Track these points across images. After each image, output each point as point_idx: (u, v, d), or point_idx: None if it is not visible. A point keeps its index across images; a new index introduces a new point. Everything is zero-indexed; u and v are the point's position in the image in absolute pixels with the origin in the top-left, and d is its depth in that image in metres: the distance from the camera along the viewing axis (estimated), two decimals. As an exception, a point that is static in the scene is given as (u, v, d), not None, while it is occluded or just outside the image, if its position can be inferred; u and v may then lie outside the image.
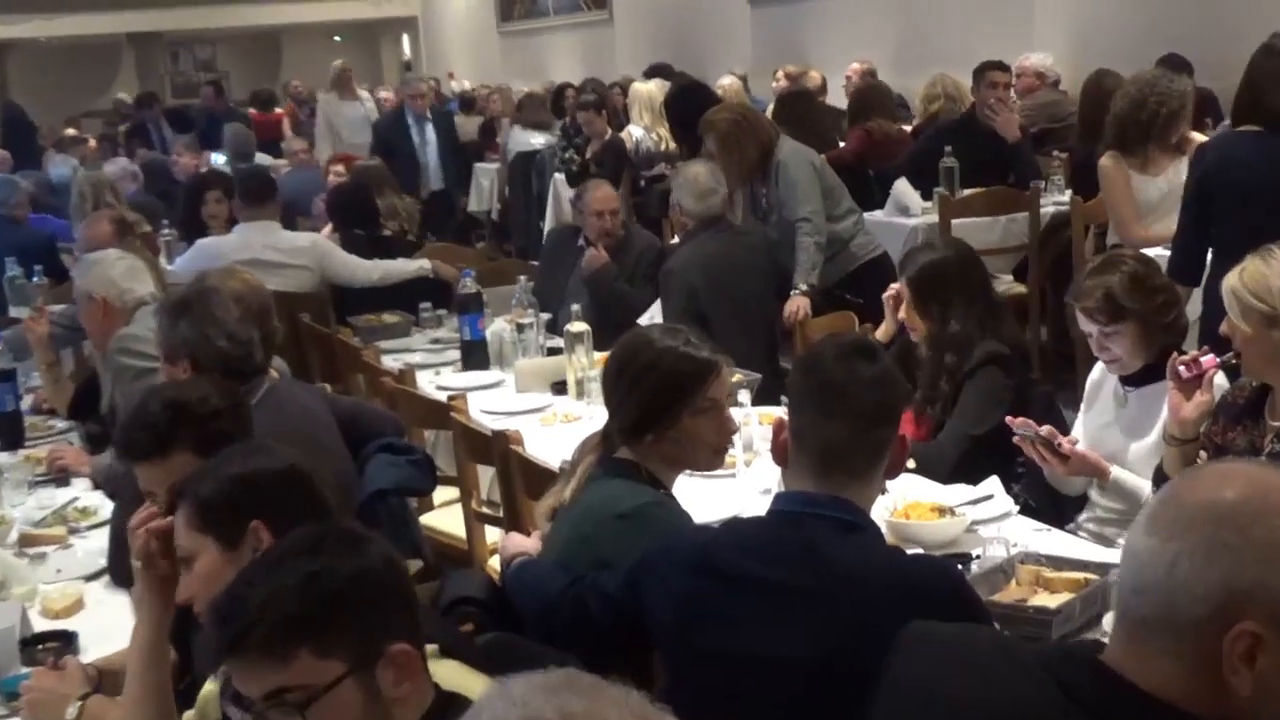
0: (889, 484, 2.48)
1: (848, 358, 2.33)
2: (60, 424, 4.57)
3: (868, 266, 5.67)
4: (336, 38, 25.24)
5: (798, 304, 5.31)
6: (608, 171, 8.37)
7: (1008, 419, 3.27)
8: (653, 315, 5.22)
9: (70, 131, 13.88)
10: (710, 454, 2.78)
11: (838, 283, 5.65)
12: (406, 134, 10.18)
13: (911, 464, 3.18)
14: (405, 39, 24.17)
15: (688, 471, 2.88)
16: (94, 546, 3.30)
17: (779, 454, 2.40)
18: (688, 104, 7.70)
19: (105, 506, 3.54)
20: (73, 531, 3.47)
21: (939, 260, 3.85)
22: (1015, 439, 3.23)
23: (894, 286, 4.00)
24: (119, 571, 3.09)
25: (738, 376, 4.05)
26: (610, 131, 9.18)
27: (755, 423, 3.69)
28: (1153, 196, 5.34)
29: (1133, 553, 1.47)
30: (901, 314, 3.91)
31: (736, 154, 5.69)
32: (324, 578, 1.74)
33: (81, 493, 3.79)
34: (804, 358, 2.64)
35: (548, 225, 9.34)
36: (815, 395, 2.31)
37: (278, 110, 14.92)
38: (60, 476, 3.94)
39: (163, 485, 2.56)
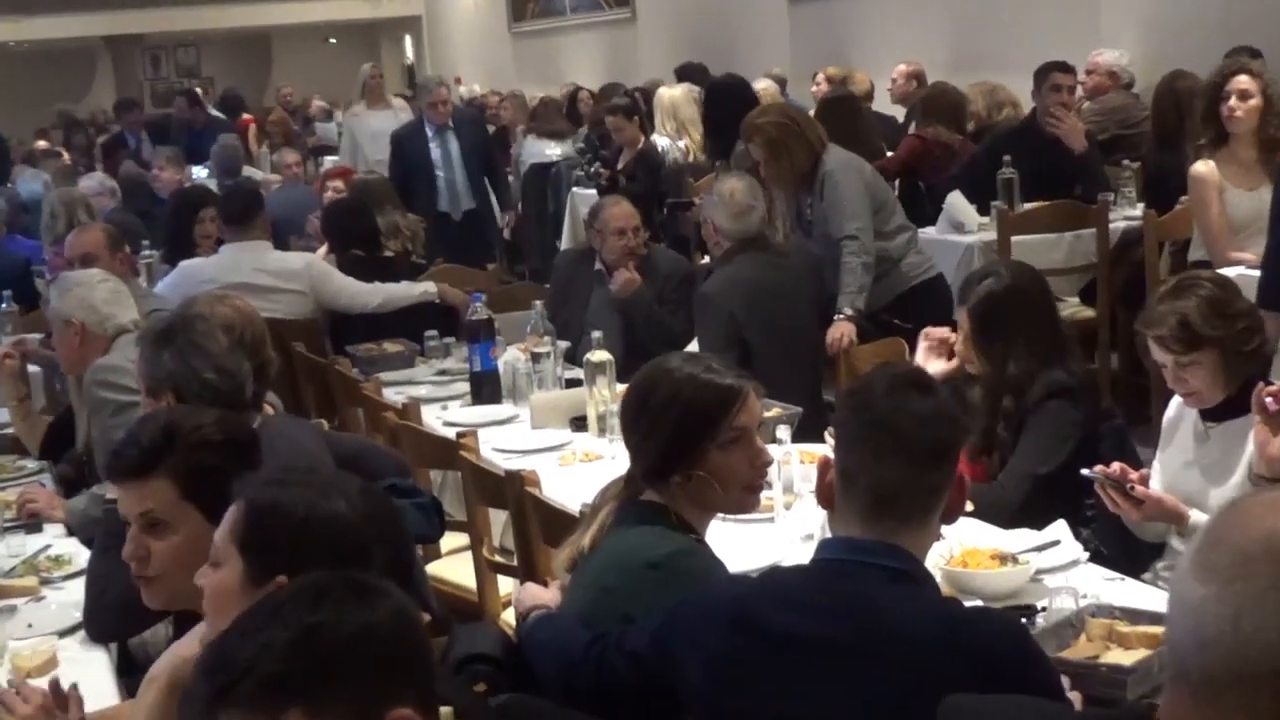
0: (945, 529, 2.47)
1: (900, 391, 2.33)
2: (31, 464, 4.59)
3: (920, 289, 5.65)
4: (331, 40, 25.44)
5: (842, 330, 5.29)
6: (640, 186, 8.30)
7: (1084, 471, 3.23)
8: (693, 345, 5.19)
9: (41, 144, 13.99)
10: (742, 491, 2.78)
11: (886, 306, 5.62)
12: (426, 149, 9.21)
13: (970, 507, 3.17)
14: (408, 41, 24.33)
15: (721, 516, 2.89)
16: (68, 599, 3.31)
17: (824, 496, 2.40)
18: (728, 101, 7.67)
19: (80, 555, 3.55)
20: (45, 582, 3.48)
21: (1000, 291, 3.77)
22: (1096, 486, 3.20)
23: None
24: (96, 626, 3.11)
25: (776, 410, 4.06)
26: (644, 139, 8.96)
27: (796, 461, 3.68)
28: (1244, 212, 5.30)
29: (1187, 606, 1.45)
30: (959, 347, 3.86)
31: (786, 161, 5.66)
32: (323, 632, 1.72)
33: (54, 540, 3.80)
34: (852, 391, 2.64)
35: (564, 244, 9.31)
36: (864, 432, 2.31)
37: (245, 116, 14.95)
38: (31, 522, 3.94)
39: (135, 512, 2.57)
